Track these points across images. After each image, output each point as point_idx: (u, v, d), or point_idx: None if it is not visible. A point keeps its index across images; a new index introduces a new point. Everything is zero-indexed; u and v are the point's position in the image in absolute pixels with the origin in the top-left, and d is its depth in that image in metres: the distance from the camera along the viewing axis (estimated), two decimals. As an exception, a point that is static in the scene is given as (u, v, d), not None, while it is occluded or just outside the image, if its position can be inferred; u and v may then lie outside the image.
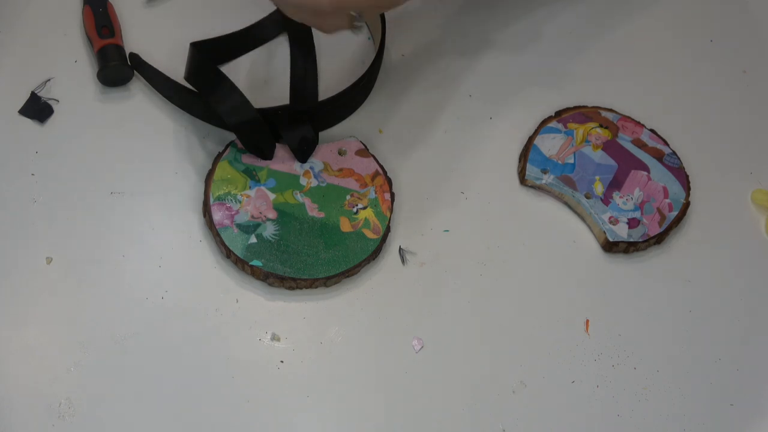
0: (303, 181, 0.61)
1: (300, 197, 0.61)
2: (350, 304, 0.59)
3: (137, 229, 0.60)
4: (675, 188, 0.64)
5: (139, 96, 0.64)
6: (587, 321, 0.60)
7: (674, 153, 0.66)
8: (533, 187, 0.64)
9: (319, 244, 0.59)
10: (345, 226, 0.60)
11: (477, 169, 0.65)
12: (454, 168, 0.65)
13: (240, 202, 0.60)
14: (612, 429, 0.57)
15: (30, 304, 0.56)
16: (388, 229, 0.61)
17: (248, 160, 0.61)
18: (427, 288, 0.60)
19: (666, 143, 0.66)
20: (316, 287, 0.59)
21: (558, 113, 0.67)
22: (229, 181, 0.61)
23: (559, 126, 0.66)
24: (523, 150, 0.66)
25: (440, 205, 0.63)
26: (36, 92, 0.63)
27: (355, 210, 0.61)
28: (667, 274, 0.63)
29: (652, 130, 0.66)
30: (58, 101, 0.63)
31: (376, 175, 0.62)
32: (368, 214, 0.61)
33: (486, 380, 0.58)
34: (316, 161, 0.62)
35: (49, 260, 0.58)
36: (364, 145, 0.64)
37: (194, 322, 0.57)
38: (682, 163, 0.65)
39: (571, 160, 0.65)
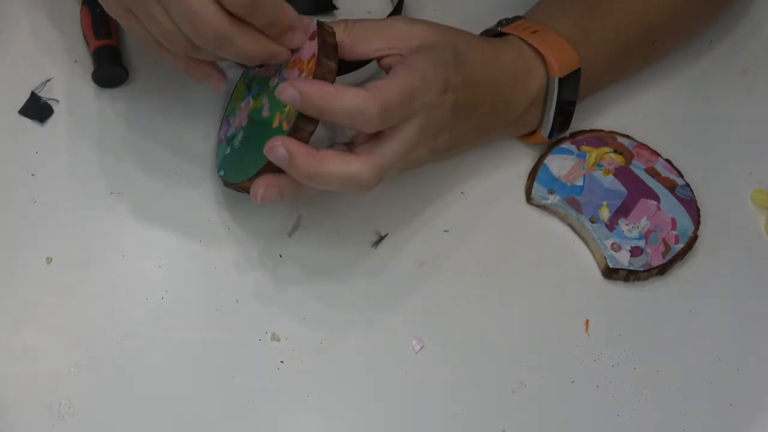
0: (272, 82, 0.57)
1: (264, 100, 0.57)
2: (350, 303, 0.59)
3: (137, 229, 0.59)
4: (684, 220, 0.63)
5: (139, 96, 0.64)
6: (587, 321, 0.60)
7: (688, 185, 0.64)
8: (539, 206, 0.64)
9: (256, 147, 0.54)
10: (276, 122, 0.54)
11: (480, 176, 0.65)
12: (454, 169, 0.65)
13: (236, 115, 0.60)
14: (612, 429, 0.57)
15: (30, 304, 0.56)
16: (298, 119, 0.52)
17: (254, 72, 0.60)
18: (427, 288, 0.60)
19: (680, 174, 0.65)
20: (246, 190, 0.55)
21: (573, 135, 0.66)
22: (236, 96, 0.61)
23: (572, 147, 0.65)
24: (533, 168, 0.65)
25: (441, 205, 0.63)
26: (36, 92, 0.63)
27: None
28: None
29: (667, 160, 0.65)
30: (58, 101, 0.63)
31: (311, 59, 0.53)
32: None
33: (486, 380, 0.58)
34: None
35: (49, 260, 0.58)
36: (319, 26, 0.54)
37: (194, 322, 0.57)
38: (694, 195, 0.64)
39: (580, 183, 0.64)
